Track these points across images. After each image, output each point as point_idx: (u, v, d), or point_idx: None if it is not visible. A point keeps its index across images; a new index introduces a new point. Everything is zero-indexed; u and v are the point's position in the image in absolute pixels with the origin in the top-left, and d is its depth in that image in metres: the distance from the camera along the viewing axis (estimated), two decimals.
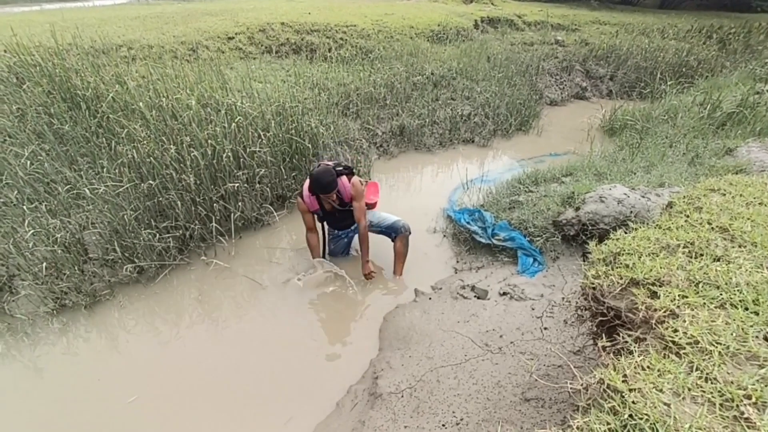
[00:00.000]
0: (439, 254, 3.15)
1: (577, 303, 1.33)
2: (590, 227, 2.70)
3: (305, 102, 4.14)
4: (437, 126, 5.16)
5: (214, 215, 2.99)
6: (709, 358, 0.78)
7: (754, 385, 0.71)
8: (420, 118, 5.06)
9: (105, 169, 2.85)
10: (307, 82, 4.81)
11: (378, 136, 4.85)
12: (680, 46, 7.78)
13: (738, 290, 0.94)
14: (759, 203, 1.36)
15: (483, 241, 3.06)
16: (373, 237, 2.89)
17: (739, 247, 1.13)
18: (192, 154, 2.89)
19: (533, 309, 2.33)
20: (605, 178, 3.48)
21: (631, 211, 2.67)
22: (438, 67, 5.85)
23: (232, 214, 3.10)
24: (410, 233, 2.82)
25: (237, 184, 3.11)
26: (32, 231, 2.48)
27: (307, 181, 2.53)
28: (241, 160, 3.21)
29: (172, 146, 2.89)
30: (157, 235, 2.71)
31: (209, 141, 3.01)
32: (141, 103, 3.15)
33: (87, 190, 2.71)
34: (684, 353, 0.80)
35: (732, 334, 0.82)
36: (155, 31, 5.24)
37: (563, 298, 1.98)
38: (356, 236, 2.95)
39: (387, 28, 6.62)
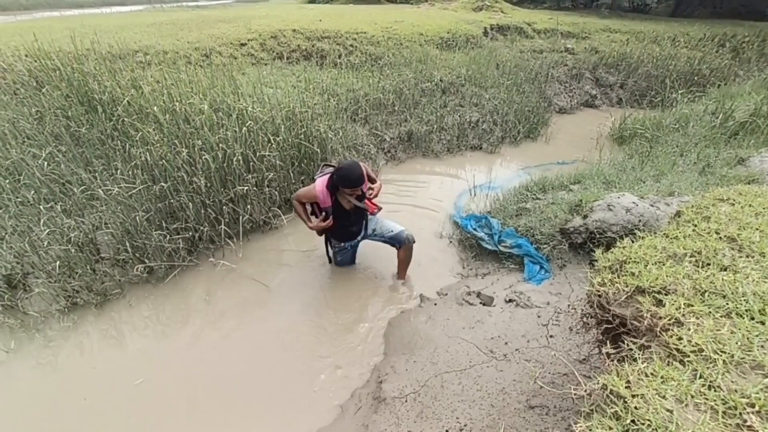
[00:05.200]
0: (445, 260, 3.15)
1: (582, 310, 1.33)
2: (598, 235, 2.69)
3: (315, 107, 4.20)
4: (445, 132, 5.19)
5: (223, 218, 3.03)
6: (713, 367, 0.78)
7: (757, 393, 0.71)
8: (428, 124, 5.10)
9: (119, 171, 2.92)
10: (317, 88, 4.88)
11: (386, 141, 4.89)
12: (692, 55, 7.72)
13: (744, 300, 0.94)
14: None
15: (489, 247, 3.06)
16: (376, 244, 2.88)
17: (747, 257, 1.13)
18: (203, 157, 2.95)
19: (539, 317, 2.31)
20: (614, 186, 3.45)
21: (640, 220, 2.64)
22: (447, 73, 5.89)
23: (241, 217, 3.14)
24: (414, 242, 2.77)
25: (246, 188, 3.16)
26: (47, 230, 2.55)
27: (324, 178, 2.43)
28: (251, 163, 3.27)
29: (184, 149, 2.96)
30: (168, 236, 2.76)
31: (220, 145, 3.07)
32: (155, 107, 3.22)
33: (101, 191, 2.78)
34: (688, 361, 0.80)
35: (737, 343, 0.82)
36: (170, 38, 5.37)
37: (569, 306, 1.96)
38: (360, 245, 2.91)
39: (397, 35, 6.69)
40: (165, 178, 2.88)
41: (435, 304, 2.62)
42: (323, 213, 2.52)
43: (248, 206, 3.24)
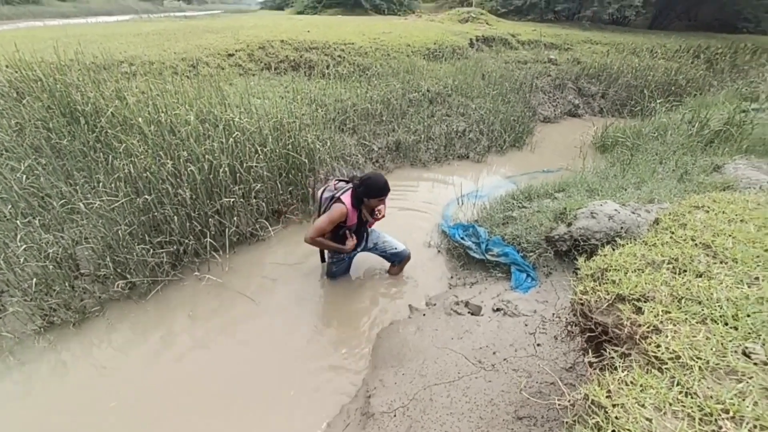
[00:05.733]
0: (434, 269, 3.16)
1: (567, 319, 1.34)
2: (582, 243, 2.73)
3: (302, 118, 4.21)
4: (432, 142, 5.25)
5: (209, 230, 2.99)
6: (690, 373, 0.79)
7: (732, 399, 0.72)
8: (416, 133, 5.15)
9: (101, 184, 2.86)
10: (305, 99, 4.89)
11: (374, 151, 4.91)
12: (669, 66, 8.01)
13: (719, 306, 0.96)
14: (740, 220, 1.39)
15: (477, 256, 3.08)
16: (366, 254, 2.91)
17: (721, 263, 1.16)
18: (189, 168, 2.92)
19: (526, 325, 2.33)
20: (597, 194, 3.52)
21: (622, 227, 2.70)
22: (434, 84, 5.98)
23: (227, 229, 3.11)
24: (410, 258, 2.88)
25: (233, 199, 3.13)
26: (24, 246, 2.47)
27: (347, 197, 2.43)
28: (238, 175, 3.24)
29: (169, 161, 2.92)
30: (151, 250, 2.71)
31: (206, 156, 3.04)
32: (140, 119, 3.19)
33: (82, 205, 2.72)
34: (666, 368, 0.82)
35: (712, 349, 0.83)
36: (156, 48, 5.34)
37: (553, 314, 1.98)
38: (357, 258, 2.96)
39: (384, 46, 6.79)
40: (149, 191, 2.83)
41: (424, 315, 2.61)
42: (347, 230, 2.52)
43: (235, 218, 3.20)
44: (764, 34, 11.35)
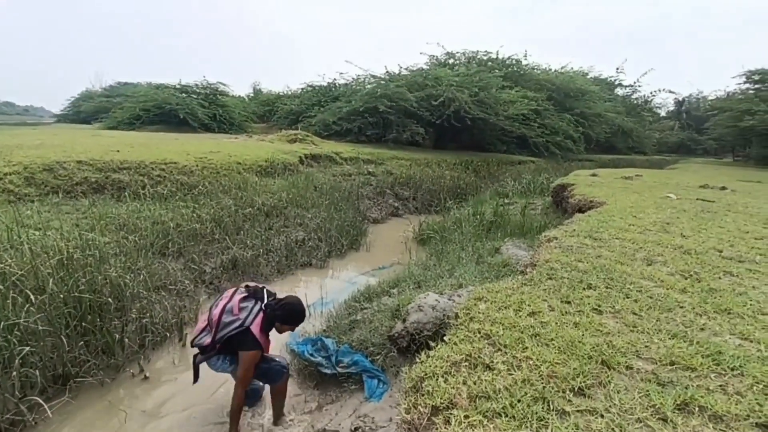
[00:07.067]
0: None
1: None
2: (417, 336, 3.00)
3: (106, 247, 3.55)
4: (273, 254, 5.17)
5: None
6: None
7: None
8: (254, 248, 5.00)
9: None
10: (112, 224, 4.21)
11: (207, 273, 4.46)
12: (453, 174, 10.72)
13: (501, 397, 1.18)
14: (505, 307, 1.83)
15: (329, 371, 2.96)
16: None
17: (498, 351, 1.46)
18: None
19: None
20: (422, 285, 4.06)
21: (444, 314, 3.13)
22: (269, 198, 6.14)
23: None
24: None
25: None
26: None
27: (257, 325, 2.35)
28: None
29: None
30: None
31: None
32: None
33: None
34: None
35: None
36: None
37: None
38: None
39: (213, 164, 6.72)
40: None
41: None
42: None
43: None
44: (500, 153, 16.82)
